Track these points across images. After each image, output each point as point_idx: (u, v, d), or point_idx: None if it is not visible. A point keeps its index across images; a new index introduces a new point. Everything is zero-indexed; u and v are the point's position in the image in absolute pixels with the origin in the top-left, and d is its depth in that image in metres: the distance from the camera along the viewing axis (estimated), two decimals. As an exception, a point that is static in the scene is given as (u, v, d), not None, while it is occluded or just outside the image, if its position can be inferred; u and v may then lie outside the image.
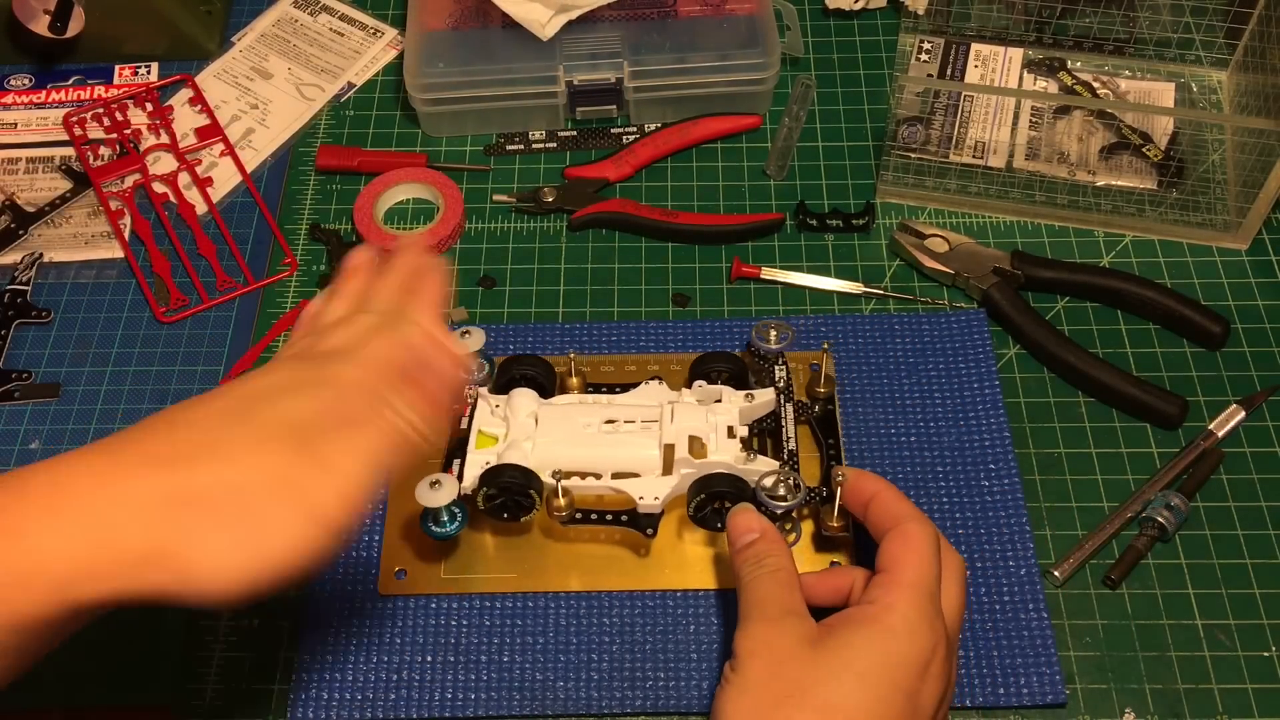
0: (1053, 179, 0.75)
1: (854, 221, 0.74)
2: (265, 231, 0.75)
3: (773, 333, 0.63)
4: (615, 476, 0.60)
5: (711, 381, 0.63)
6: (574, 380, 0.65)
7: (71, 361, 0.70)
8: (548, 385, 0.64)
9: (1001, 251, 0.71)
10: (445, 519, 0.58)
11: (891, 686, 0.46)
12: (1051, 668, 0.57)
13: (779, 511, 0.56)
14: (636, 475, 0.60)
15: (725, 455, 0.59)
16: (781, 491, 0.56)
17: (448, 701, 0.57)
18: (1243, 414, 0.65)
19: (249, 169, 0.78)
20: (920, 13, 0.81)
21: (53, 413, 0.68)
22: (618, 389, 0.64)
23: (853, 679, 0.46)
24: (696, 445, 0.59)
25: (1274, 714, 0.57)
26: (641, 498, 0.59)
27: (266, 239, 0.75)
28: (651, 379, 0.64)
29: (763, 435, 0.63)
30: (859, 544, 0.60)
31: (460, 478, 0.59)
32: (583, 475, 0.60)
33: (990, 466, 0.63)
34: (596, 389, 0.65)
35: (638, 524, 0.59)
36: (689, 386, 0.63)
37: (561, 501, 0.59)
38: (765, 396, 0.62)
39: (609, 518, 0.60)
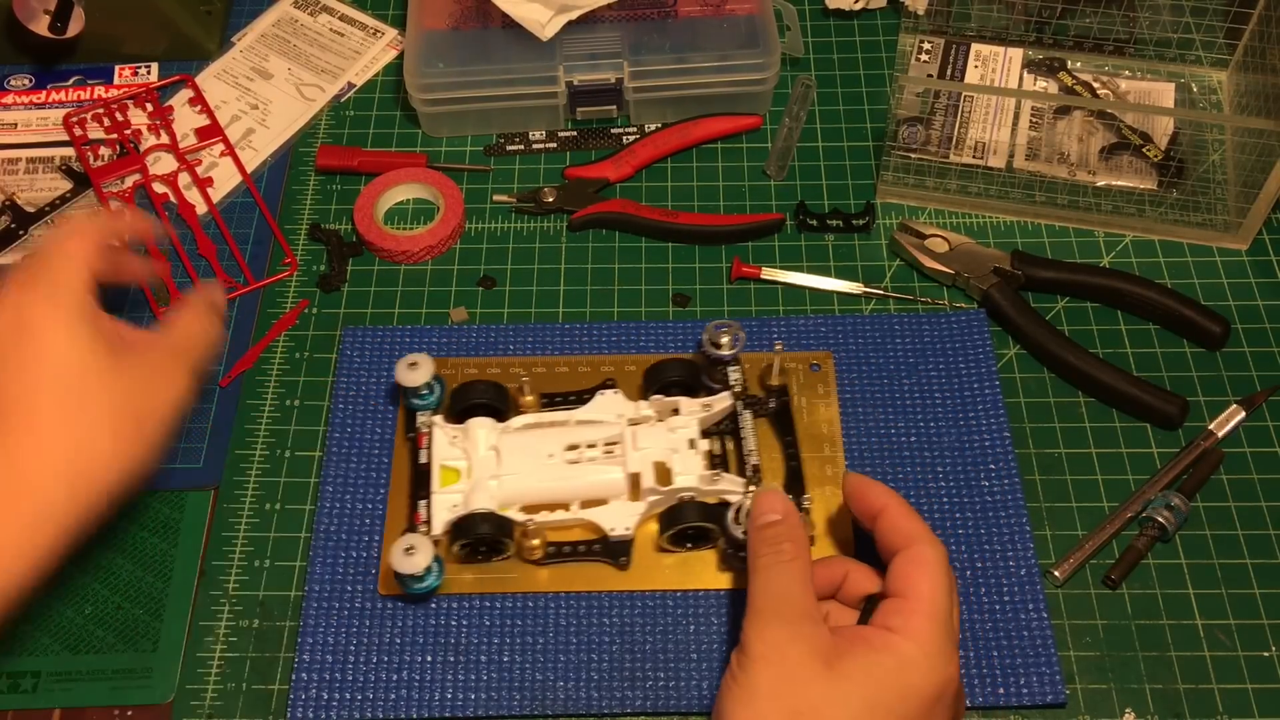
0: (1053, 179, 0.75)
1: (854, 221, 0.74)
2: (265, 231, 0.75)
3: (725, 339, 0.63)
4: (583, 506, 0.60)
5: (667, 392, 0.64)
6: (529, 398, 0.64)
7: (71, 361, 0.70)
8: (502, 408, 0.64)
9: (1001, 251, 0.71)
10: (423, 574, 0.58)
11: None
12: (1051, 668, 0.57)
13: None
14: (604, 501, 0.60)
15: (690, 476, 0.60)
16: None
17: (448, 701, 0.57)
18: (1243, 414, 0.65)
19: (249, 169, 0.78)
20: (920, 13, 0.81)
21: (53, 413, 0.68)
22: (572, 397, 0.65)
23: (865, 709, 0.46)
24: (661, 470, 0.60)
25: (1274, 714, 0.57)
26: (613, 529, 0.60)
27: (266, 239, 0.75)
28: (606, 387, 0.65)
29: (722, 437, 0.63)
30: (859, 548, 0.60)
31: (429, 523, 0.59)
32: (551, 508, 0.60)
33: (990, 466, 0.63)
34: (551, 400, 0.65)
35: (611, 553, 0.60)
36: (645, 397, 0.64)
37: (534, 543, 0.59)
38: (722, 403, 0.63)
39: (581, 549, 0.60)
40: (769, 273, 0.72)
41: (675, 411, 0.63)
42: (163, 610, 0.61)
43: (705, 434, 0.62)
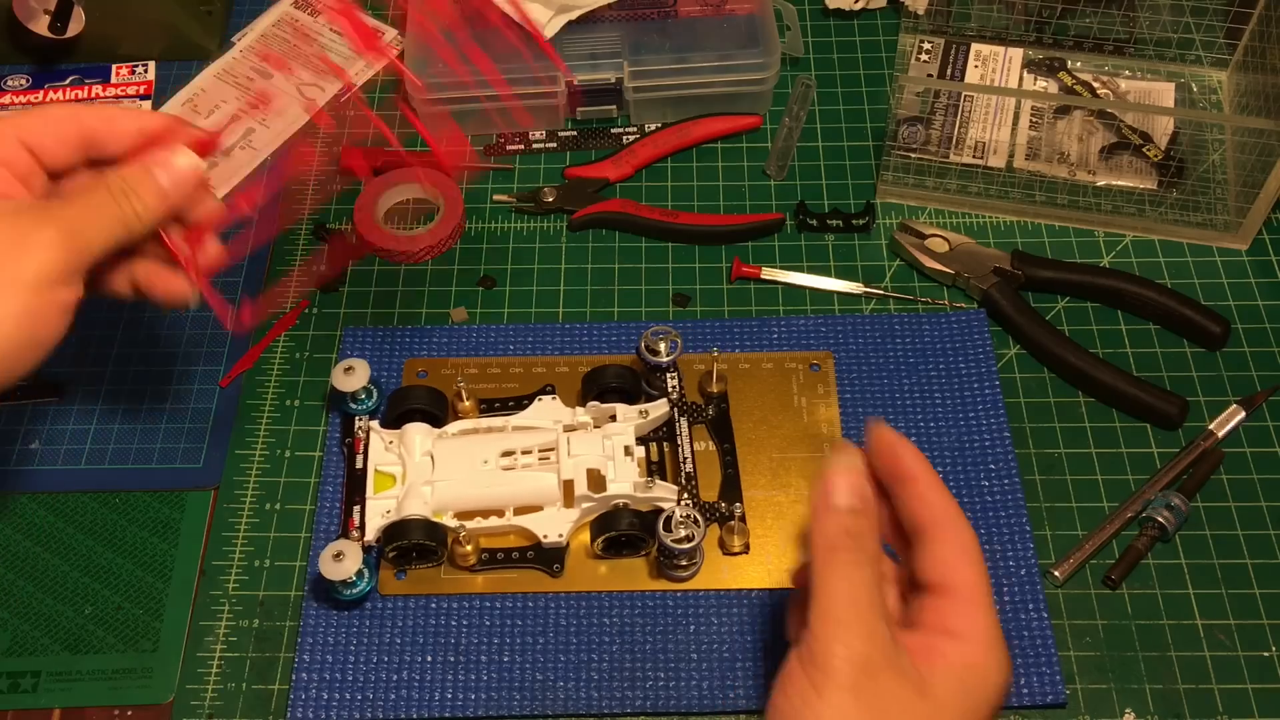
0: (1053, 179, 0.75)
1: (854, 221, 0.74)
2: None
3: (662, 345, 0.63)
4: (517, 512, 0.60)
5: (606, 398, 0.64)
6: (467, 404, 0.64)
7: (71, 362, 0.70)
8: (440, 414, 0.64)
9: (1001, 251, 0.71)
10: (354, 579, 0.58)
11: None
12: (1051, 668, 0.57)
13: (685, 550, 0.57)
14: (538, 508, 0.60)
15: (624, 484, 0.60)
16: (684, 533, 0.57)
17: (448, 701, 0.57)
18: (1243, 414, 0.65)
19: (248, 169, 0.77)
20: (920, 13, 0.81)
21: (52, 413, 0.68)
22: (510, 404, 0.65)
23: None
24: (594, 476, 0.60)
25: (1274, 714, 0.57)
26: (545, 536, 0.60)
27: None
28: (544, 393, 0.65)
29: (660, 444, 0.63)
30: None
31: (362, 530, 0.60)
32: (485, 514, 0.60)
33: (990, 466, 0.63)
34: (490, 405, 0.65)
35: (545, 559, 0.60)
36: (582, 404, 0.64)
37: (467, 549, 0.59)
38: (659, 410, 0.63)
39: (515, 555, 0.60)
40: (769, 273, 0.72)
41: (613, 418, 0.63)
42: (163, 610, 0.61)
43: (642, 441, 0.62)
